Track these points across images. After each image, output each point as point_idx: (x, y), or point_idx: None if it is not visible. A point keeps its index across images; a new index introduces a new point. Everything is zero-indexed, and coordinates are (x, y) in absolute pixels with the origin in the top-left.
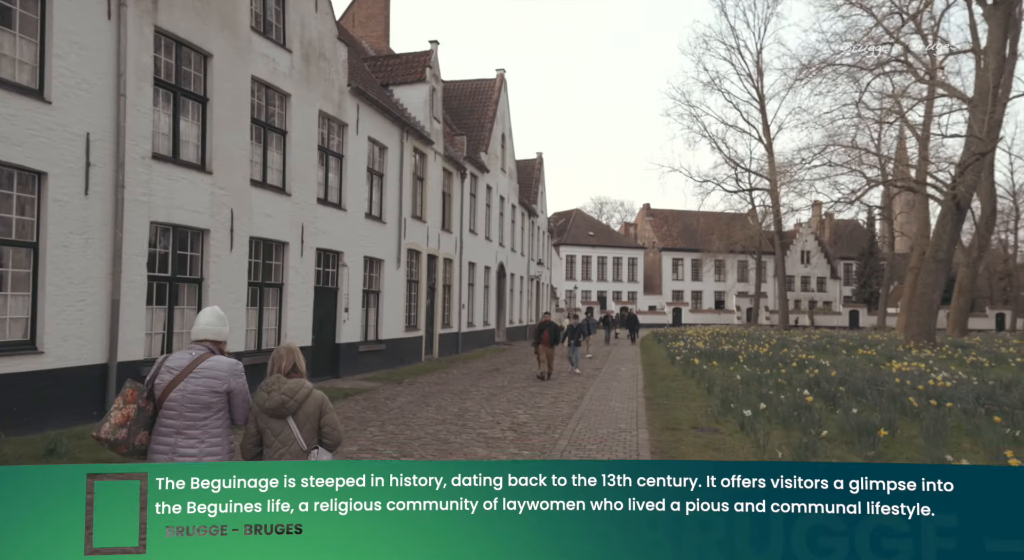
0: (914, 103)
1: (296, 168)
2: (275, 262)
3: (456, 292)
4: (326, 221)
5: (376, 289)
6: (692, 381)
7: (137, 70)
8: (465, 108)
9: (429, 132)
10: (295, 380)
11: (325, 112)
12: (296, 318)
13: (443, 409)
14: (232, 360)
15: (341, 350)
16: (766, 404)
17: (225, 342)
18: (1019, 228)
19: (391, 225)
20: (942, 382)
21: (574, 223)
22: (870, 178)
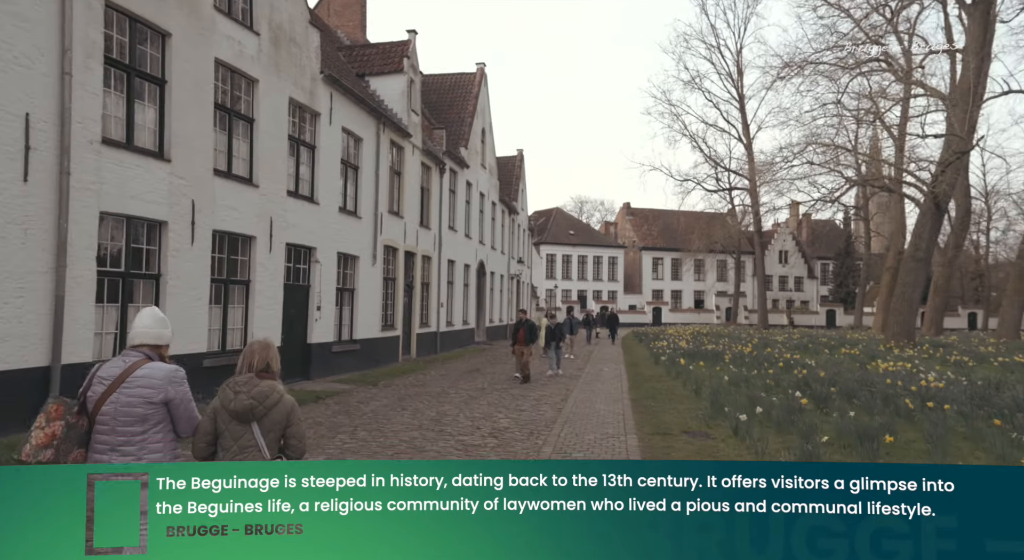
0: (892, 104)
1: (264, 158)
2: (241, 257)
3: (435, 290)
4: (297, 215)
5: (351, 287)
6: (678, 382)
7: (85, 47)
8: (444, 102)
9: (407, 124)
10: (267, 383)
11: (296, 100)
12: (264, 317)
13: (419, 413)
14: (170, 366)
15: (313, 350)
16: (756, 406)
17: (167, 347)
18: (991, 229)
19: (367, 220)
20: (934, 383)
21: (554, 222)
22: (848, 178)
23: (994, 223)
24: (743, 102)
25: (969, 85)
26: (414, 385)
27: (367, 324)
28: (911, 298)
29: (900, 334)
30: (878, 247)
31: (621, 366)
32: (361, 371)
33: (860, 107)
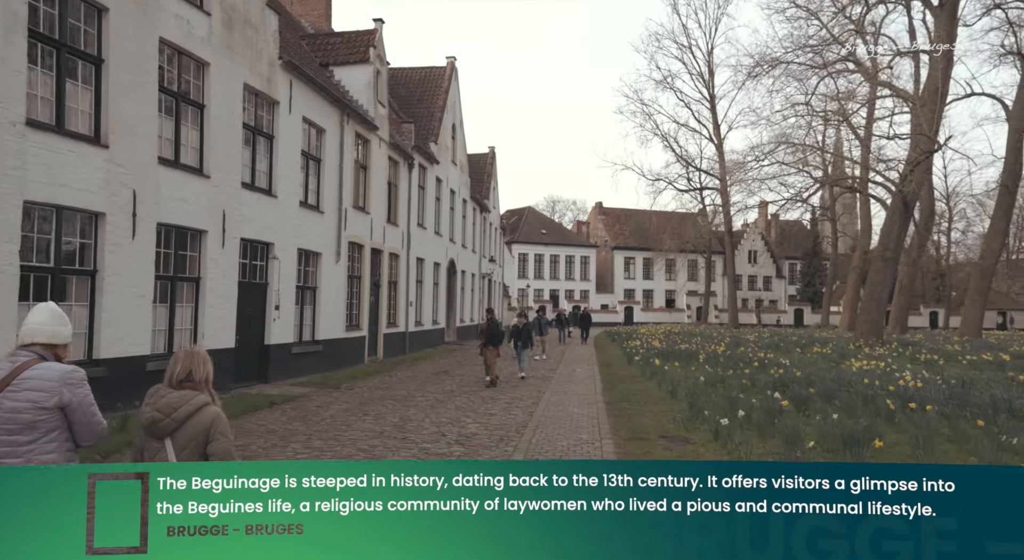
0: (859, 106)
1: (216, 147)
2: (190, 253)
3: (403, 289)
4: (253, 208)
5: (313, 285)
6: (653, 383)
7: (5, 19)
8: (414, 96)
9: (373, 117)
10: (181, 393)
11: (252, 86)
12: (216, 316)
13: (382, 419)
14: (67, 366)
15: (271, 352)
16: (735, 408)
17: (65, 346)
18: (952, 229)
19: (330, 215)
20: (913, 382)
21: (527, 221)
22: (817, 178)
23: (954, 224)
24: (714, 102)
25: (936, 86)
26: (379, 388)
27: (330, 324)
28: (879, 297)
29: (869, 333)
30: (844, 247)
31: (594, 367)
32: (323, 373)
33: (827, 109)
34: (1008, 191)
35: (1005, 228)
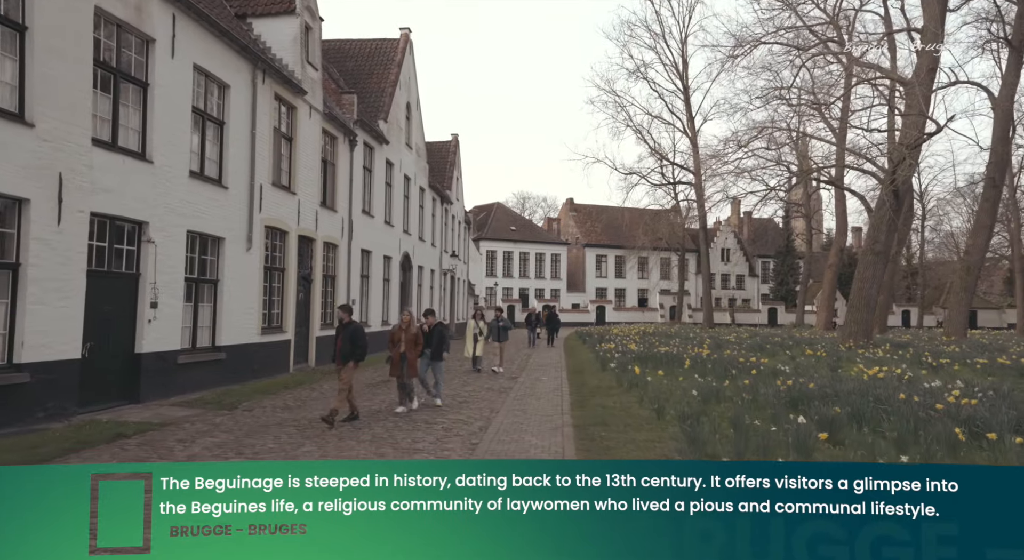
0: (835, 98)
1: (46, 89)
2: (6, 230)
3: (344, 285)
4: (112, 174)
5: (212, 277)
6: (633, 397)
7: None
8: (363, 70)
9: (300, 79)
10: None
11: (108, 12)
12: (47, 318)
13: (266, 456)
14: None
15: (146, 363)
16: (748, 439)
17: None
18: (924, 228)
19: (238, 192)
20: (964, 400)
21: (495, 217)
22: (793, 172)
23: (927, 222)
24: (688, 93)
25: (931, 66)
26: (288, 407)
27: (239, 326)
28: (869, 295)
29: (858, 333)
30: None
31: (562, 374)
32: (227, 387)
33: (800, 100)
34: (994, 184)
35: (991, 223)
